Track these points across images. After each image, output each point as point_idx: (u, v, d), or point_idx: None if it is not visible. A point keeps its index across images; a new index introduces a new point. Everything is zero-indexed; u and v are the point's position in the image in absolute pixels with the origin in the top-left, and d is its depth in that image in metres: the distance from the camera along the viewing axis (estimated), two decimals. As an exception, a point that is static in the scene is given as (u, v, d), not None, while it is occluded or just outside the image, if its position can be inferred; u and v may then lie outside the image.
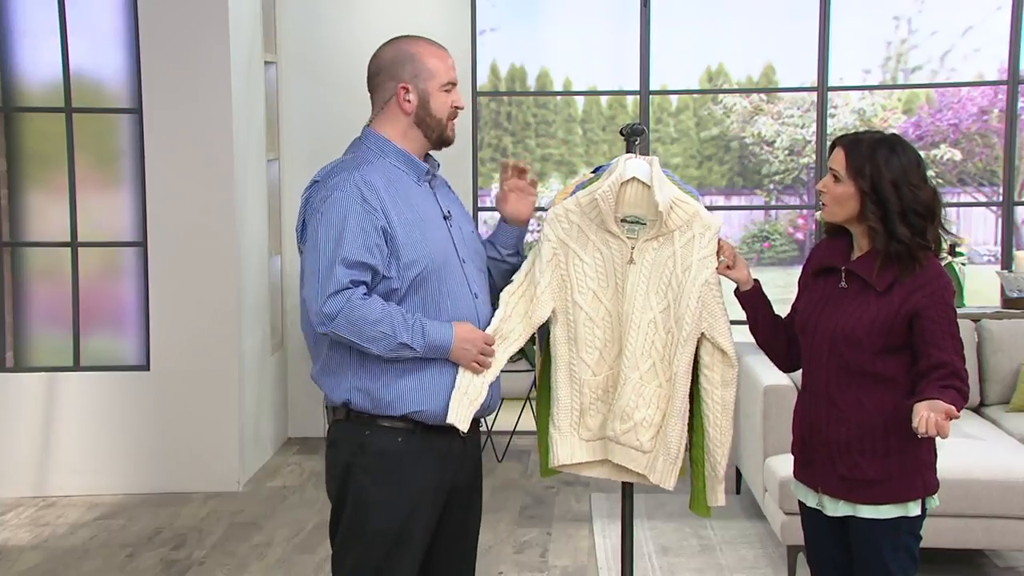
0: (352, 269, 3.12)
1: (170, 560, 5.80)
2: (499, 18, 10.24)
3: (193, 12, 6.87)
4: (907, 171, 3.36)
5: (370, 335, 3.12)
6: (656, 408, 3.34)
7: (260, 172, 7.62)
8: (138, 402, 7.04)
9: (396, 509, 3.23)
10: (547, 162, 12.59)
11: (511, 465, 7.55)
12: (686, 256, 3.33)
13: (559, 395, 3.37)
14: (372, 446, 3.24)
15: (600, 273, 3.34)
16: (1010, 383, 6.51)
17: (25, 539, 6.19)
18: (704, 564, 5.59)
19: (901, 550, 3.40)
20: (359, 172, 3.20)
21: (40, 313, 7.21)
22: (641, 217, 3.32)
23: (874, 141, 3.41)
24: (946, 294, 3.38)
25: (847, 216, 3.43)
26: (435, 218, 3.30)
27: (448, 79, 3.30)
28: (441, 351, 3.19)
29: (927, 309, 3.34)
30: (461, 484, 3.39)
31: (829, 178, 3.44)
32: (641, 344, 3.32)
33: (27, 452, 7.00)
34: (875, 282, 3.38)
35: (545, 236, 3.35)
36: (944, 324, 3.35)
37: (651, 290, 3.32)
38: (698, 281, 3.33)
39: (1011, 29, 8.56)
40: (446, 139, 3.36)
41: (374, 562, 3.24)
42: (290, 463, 7.65)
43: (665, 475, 3.36)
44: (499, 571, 5.59)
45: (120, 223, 7.13)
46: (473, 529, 3.52)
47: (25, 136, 7.10)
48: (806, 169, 11.69)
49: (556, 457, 3.39)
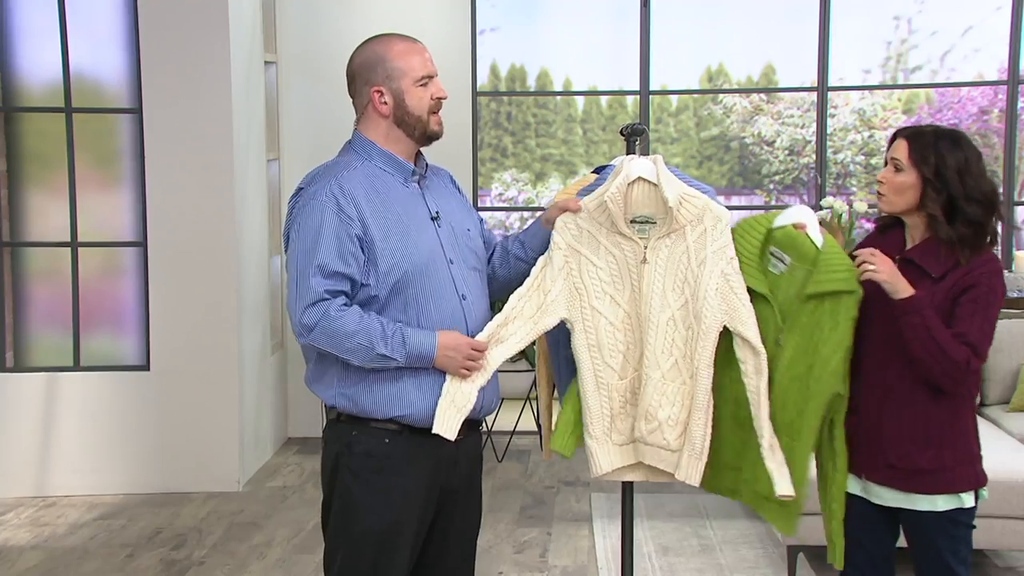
0: (328, 279, 3.11)
1: (170, 560, 5.80)
2: (499, 18, 10.23)
3: (193, 12, 6.88)
4: (969, 161, 3.41)
5: (347, 347, 3.11)
6: (681, 406, 3.31)
7: (260, 172, 7.62)
8: (138, 402, 7.04)
9: (383, 509, 3.21)
10: (547, 162, 12.58)
11: (511, 465, 7.55)
12: (699, 250, 3.31)
13: (590, 404, 3.33)
14: (359, 446, 3.23)
15: (615, 276, 3.32)
16: (1010, 383, 6.51)
17: (25, 539, 6.19)
18: (704, 564, 5.59)
19: (960, 542, 3.43)
20: (336, 180, 3.18)
21: (40, 313, 7.21)
22: (651, 216, 3.30)
23: (937, 132, 3.47)
24: (994, 280, 3.40)
25: (907, 205, 3.46)
26: (421, 219, 3.27)
27: (423, 73, 3.26)
28: (424, 360, 3.16)
29: (972, 289, 3.36)
30: (455, 486, 3.37)
31: (890, 169, 3.47)
32: (661, 343, 3.30)
33: (27, 452, 7.00)
34: (931, 268, 3.40)
35: (555, 244, 3.32)
36: (981, 303, 3.37)
37: (668, 288, 3.30)
38: (714, 273, 3.30)
39: (1011, 29, 8.57)
40: (431, 134, 3.31)
41: (362, 562, 3.23)
42: (290, 463, 7.65)
43: (690, 471, 3.33)
44: (499, 571, 5.59)
45: (120, 223, 7.14)
46: (471, 530, 3.50)
47: (25, 136, 7.10)
48: (806, 169, 11.69)
49: (598, 467, 3.35)
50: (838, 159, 11.76)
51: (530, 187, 12.45)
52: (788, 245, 3.31)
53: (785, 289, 3.31)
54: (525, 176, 12.58)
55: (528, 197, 12.28)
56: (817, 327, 3.28)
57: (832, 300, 3.26)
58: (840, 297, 3.26)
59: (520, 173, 12.60)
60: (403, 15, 7.89)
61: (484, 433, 7.70)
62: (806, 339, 3.28)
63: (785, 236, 3.31)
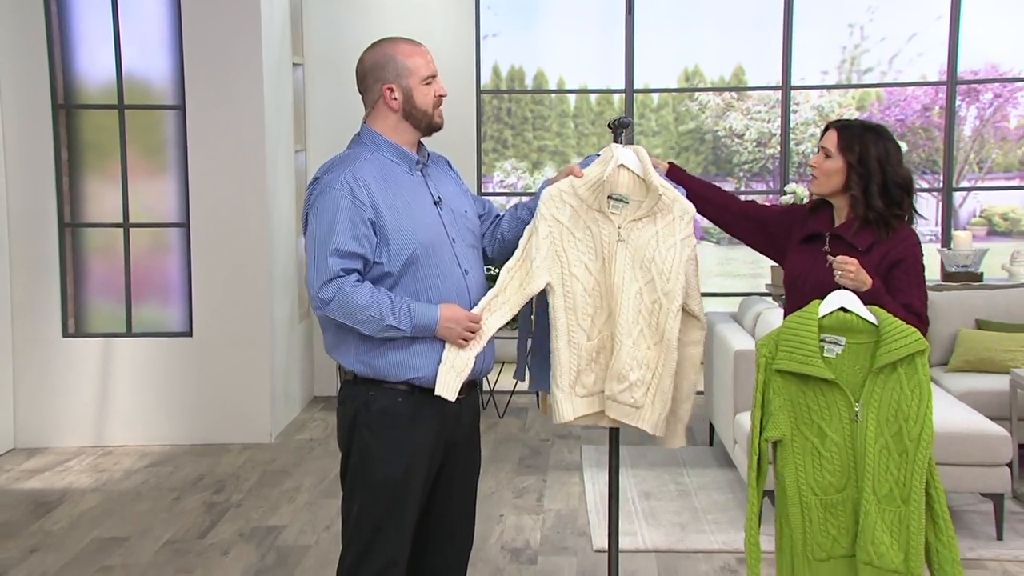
0: (344, 259, 3.09)
1: (211, 502, 5.81)
2: (500, 24, 10.17)
3: (229, 19, 6.85)
4: (889, 152, 3.48)
5: (360, 319, 3.10)
6: (647, 369, 3.32)
7: (288, 162, 7.60)
8: (182, 364, 7.03)
9: (397, 461, 3.21)
10: (543, 152, 12.55)
11: (511, 421, 7.55)
12: (668, 236, 3.32)
13: (560, 359, 3.32)
14: (375, 404, 3.22)
15: (590, 248, 3.31)
16: (948, 347, 6.53)
17: (87, 483, 6.20)
18: (681, 507, 5.59)
19: None
20: (349, 170, 3.16)
21: (97, 286, 7.19)
22: (625, 197, 3.30)
23: (864, 125, 3.53)
24: (916, 251, 3.47)
25: (833, 188, 3.52)
26: (425, 204, 3.25)
27: (428, 73, 3.24)
28: (427, 330, 3.15)
29: (902, 262, 3.43)
30: (458, 439, 3.36)
31: (820, 155, 3.52)
32: (631, 312, 3.30)
33: (87, 407, 7.00)
34: (858, 243, 3.45)
35: (541, 215, 3.30)
36: (914, 275, 3.45)
37: (636, 265, 3.31)
38: (682, 258, 3.33)
39: (949, 36, 8.55)
40: (435, 125, 3.29)
41: (378, 506, 3.22)
42: (316, 419, 7.65)
43: (657, 424, 3.36)
44: (500, 514, 5.59)
45: (166, 206, 7.11)
46: (471, 479, 3.49)
47: (83, 130, 7.07)
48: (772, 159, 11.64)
49: (561, 414, 3.35)
50: (800, 150, 11.73)
51: (528, 175, 12.43)
52: (840, 328, 3.15)
53: (849, 368, 3.16)
54: (523, 165, 12.55)
55: (526, 183, 12.26)
56: (897, 391, 3.14)
57: (906, 364, 3.13)
58: (913, 358, 3.13)
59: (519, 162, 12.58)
60: (416, 22, 7.85)
61: (487, 393, 7.72)
62: (886, 407, 3.14)
63: (835, 321, 3.15)
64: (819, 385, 3.16)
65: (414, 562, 3.39)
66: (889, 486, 3.14)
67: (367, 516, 3.24)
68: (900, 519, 3.14)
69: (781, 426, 3.20)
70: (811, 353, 3.15)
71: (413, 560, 3.38)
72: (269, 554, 5.05)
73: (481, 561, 4.89)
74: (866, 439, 3.13)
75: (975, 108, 12.21)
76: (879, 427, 3.14)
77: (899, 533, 3.14)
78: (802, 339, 3.16)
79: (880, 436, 3.14)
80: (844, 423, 3.16)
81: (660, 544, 5.10)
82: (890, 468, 3.15)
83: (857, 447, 3.15)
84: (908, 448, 3.14)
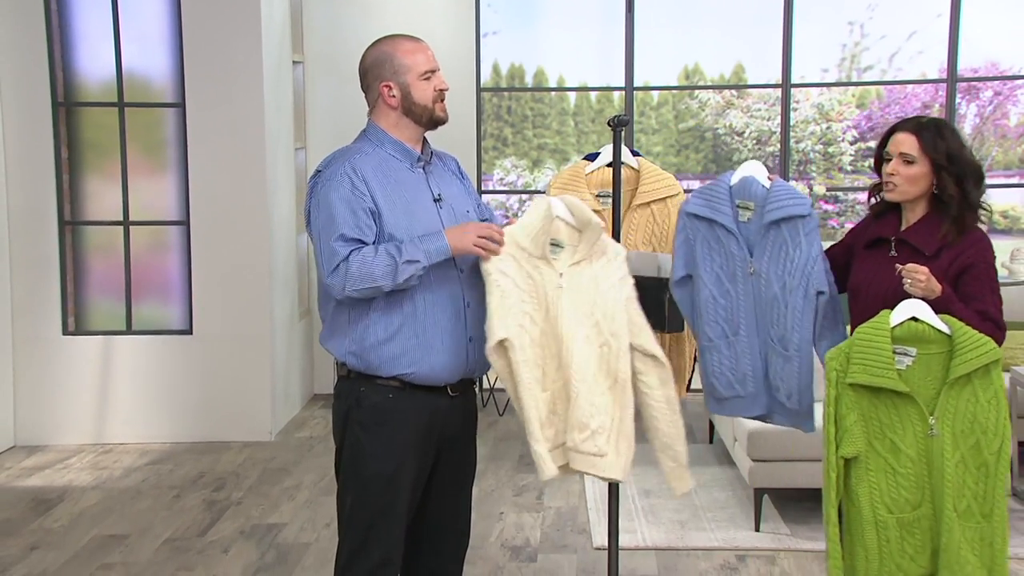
0: (348, 244, 3.09)
1: (211, 500, 5.80)
2: (500, 22, 10.15)
3: (229, 17, 6.85)
4: (963, 144, 3.32)
5: (377, 275, 3.05)
6: (606, 414, 3.25)
7: (288, 160, 7.59)
8: (182, 362, 7.03)
9: (387, 457, 3.21)
10: (543, 150, 12.53)
11: (510, 419, 7.54)
12: (606, 276, 3.27)
13: (529, 415, 3.22)
14: (367, 400, 3.22)
15: (533, 298, 3.21)
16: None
17: (87, 480, 6.19)
18: (681, 505, 5.58)
19: None
20: (349, 162, 3.17)
21: (97, 283, 7.19)
22: (561, 242, 3.23)
23: (936, 123, 3.34)
24: (988, 255, 3.32)
25: (919, 192, 3.33)
26: (424, 200, 3.24)
27: (426, 68, 3.24)
28: (440, 248, 3.10)
29: (972, 267, 3.27)
30: (451, 435, 3.34)
31: (899, 162, 3.32)
32: (583, 357, 3.21)
33: (87, 405, 7.00)
34: (925, 247, 3.29)
35: (487, 271, 3.16)
36: (987, 281, 3.29)
37: (579, 310, 3.23)
38: (621, 298, 3.27)
39: (949, 34, 8.54)
40: (437, 119, 3.28)
41: (370, 501, 3.22)
42: (316, 416, 7.64)
43: (625, 470, 3.35)
44: (500, 511, 5.59)
45: (166, 204, 7.11)
46: (467, 478, 3.48)
47: (84, 128, 7.06)
48: (772, 157, 11.63)
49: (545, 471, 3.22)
50: (800, 148, 11.71)
51: (528, 172, 12.41)
52: (911, 339, 3.08)
53: (920, 379, 3.09)
54: (523, 163, 12.53)
55: (526, 181, 12.24)
56: (973, 403, 3.07)
57: (981, 374, 3.06)
58: (988, 368, 3.06)
59: (519, 160, 12.56)
60: (416, 20, 7.83)
61: (487, 391, 7.71)
62: (961, 420, 3.06)
63: (906, 331, 3.08)
64: (891, 398, 3.09)
65: (409, 560, 3.38)
66: (968, 502, 3.07)
67: (360, 513, 3.25)
68: (982, 536, 3.08)
69: (858, 442, 3.12)
70: (886, 365, 3.06)
71: (408, 558, 3.37)
72: (269, 552, 5.05)
73: (481, 559, 4.89)
74: (943, 453, 3.05)
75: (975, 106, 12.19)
76: (955, 440, 3.07)
77: (982, 551, 3.08)
78: (876, 350, 3.07)
79: (956, 450, 3.07)
80: (918, 437, 3.08)
81: (660, 542, 5.09)
82: (967, 483, 3.08)
83: (933, 462, 3.07)
84: (988, 461, 3.07)
